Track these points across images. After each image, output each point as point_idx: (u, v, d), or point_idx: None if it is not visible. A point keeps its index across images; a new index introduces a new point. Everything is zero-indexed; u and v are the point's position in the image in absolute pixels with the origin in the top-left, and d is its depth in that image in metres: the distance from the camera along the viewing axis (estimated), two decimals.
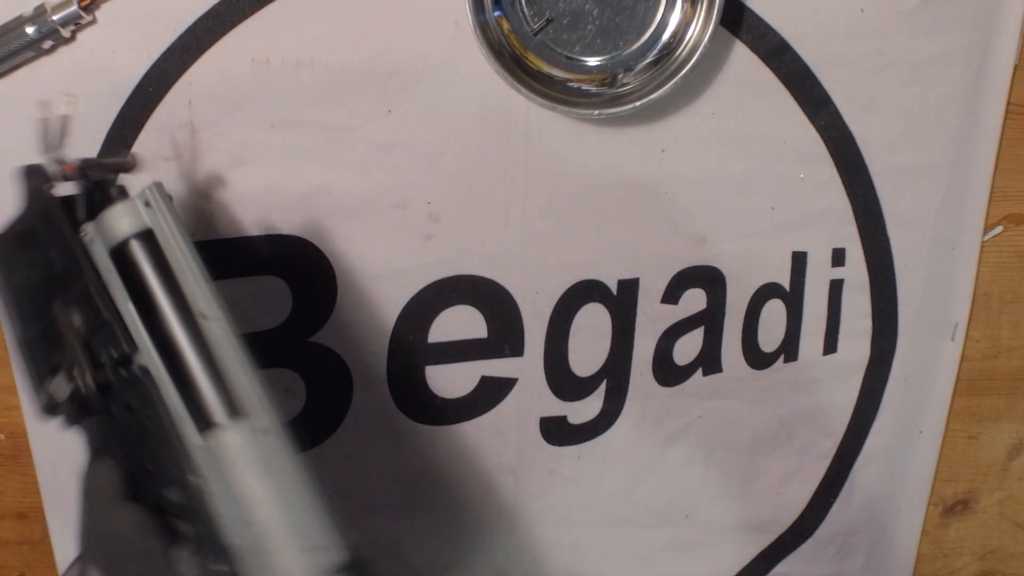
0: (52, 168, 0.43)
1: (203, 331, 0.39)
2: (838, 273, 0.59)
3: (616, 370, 0.59)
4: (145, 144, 0.52)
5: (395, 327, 0.57)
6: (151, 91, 0.51)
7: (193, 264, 0.41)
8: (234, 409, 0.37)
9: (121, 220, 0.42)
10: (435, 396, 0.59)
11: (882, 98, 0.55)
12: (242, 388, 0.38)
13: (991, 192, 0.58)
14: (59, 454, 0.58)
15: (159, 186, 0.42)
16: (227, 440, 0.36)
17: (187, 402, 0.37)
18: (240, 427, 0.37)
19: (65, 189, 0.45)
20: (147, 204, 0.42)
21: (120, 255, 0.42)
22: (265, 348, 0.47)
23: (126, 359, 0.39)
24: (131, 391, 0.40)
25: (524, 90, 0.49)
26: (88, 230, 0.43)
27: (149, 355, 0.39)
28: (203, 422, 0.37)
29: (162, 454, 0.38)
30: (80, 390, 0.39)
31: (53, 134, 0.45)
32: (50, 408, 0.41)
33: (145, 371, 0.39)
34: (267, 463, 0.37)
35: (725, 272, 0.58)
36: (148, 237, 0.42)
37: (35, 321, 0.43)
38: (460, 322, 0.57)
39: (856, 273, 0.59)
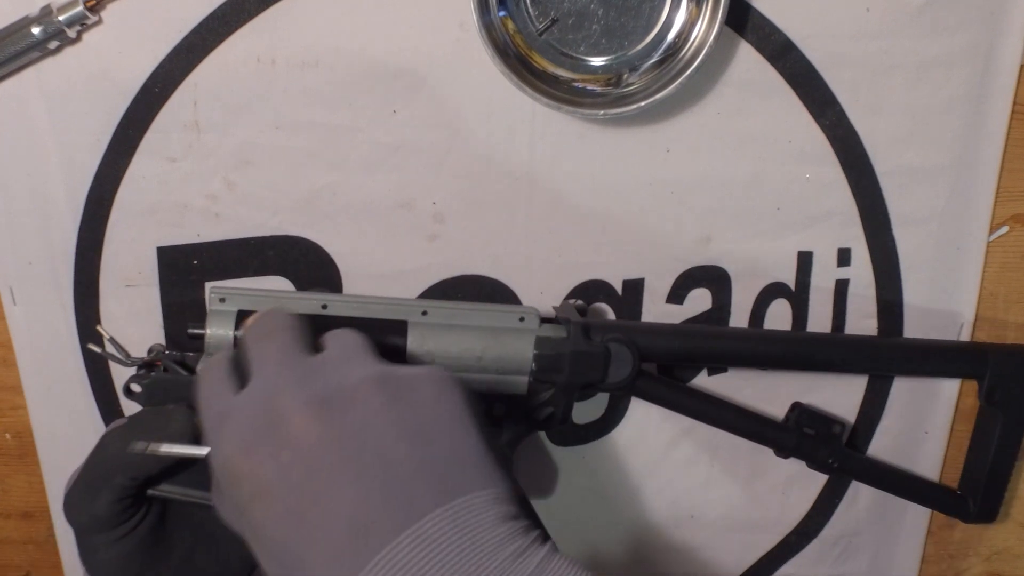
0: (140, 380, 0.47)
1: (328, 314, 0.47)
2: (843, 273, 0.59)
3: None
4: (150, 145, 0.52)
5: None
6: (156, 91, 0.51)
7: (282, 295, 0.48)
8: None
9: (218, 332, 0.46)
10: None
11: (888, 98, 0.55)
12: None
13: (997, 192, 0.58)
14: (65, 454, 0.58)
15: (213, 285, 0.49)
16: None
17: None
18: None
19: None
20: (222, 300, 0.46)
21: None
22: None
23: None
24: None
25: (529, 90, 0.49)
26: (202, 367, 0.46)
27: None
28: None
29: None
30: None
31: (120, 356, 0.48)
32: None
33: None
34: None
35: (730, 272, 0.58)
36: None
37: None
38: None
39: (862, 273, 0.59)
